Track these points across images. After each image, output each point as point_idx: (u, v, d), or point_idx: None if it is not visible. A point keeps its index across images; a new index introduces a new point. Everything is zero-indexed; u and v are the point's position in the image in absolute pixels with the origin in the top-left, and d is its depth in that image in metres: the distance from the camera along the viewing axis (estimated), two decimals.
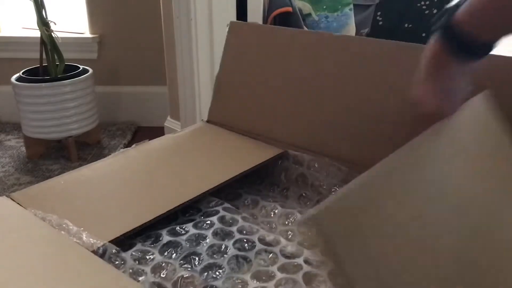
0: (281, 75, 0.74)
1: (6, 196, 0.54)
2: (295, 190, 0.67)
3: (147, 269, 0.49)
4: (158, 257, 0.50)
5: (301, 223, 0.57)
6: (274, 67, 0.75)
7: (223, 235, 0.56)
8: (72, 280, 0.42)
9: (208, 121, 0.78)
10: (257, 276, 0.49)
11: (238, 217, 0.59)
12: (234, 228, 0.57)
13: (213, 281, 0.48)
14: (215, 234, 0.57)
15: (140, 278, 0.46)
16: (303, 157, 0.66)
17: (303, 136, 0.68)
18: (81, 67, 1.62)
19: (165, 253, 0.51)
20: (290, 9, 1.27)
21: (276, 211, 0.63)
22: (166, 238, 0.54)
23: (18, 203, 0.53)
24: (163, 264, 0.50)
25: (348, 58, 0.68)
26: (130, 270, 0.47)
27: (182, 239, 0.54)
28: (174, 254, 0.52)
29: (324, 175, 0.64)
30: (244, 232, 0.57)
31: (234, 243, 0.56)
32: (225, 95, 0.78)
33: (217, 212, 0.60)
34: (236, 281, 0.48)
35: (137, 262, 0.50)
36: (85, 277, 0.42)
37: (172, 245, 0.53)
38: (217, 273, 0.51)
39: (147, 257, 0.51)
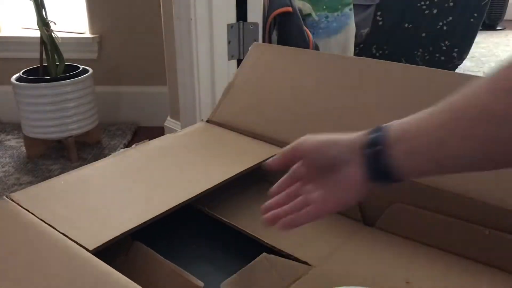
0: (288, 86, 0.74)
1: (6, 196, 0.54)
2: None
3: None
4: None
5: None
6: (283, 79, 0.75)
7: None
8: (72, 280, 0.42)
9: (208, 121, 0.78)
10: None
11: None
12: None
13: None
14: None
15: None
16: None
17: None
18: (81, 67, 1.62)
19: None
20: (290, 9, 1.27)
21: None
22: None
23: (18, 203, 0.53)
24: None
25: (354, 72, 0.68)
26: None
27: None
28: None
29: None
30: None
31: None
32: (232, 99, 0.78)
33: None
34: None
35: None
36: (85, 278, 0.42)
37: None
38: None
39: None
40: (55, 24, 1.54)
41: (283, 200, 0.48)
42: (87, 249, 0.46)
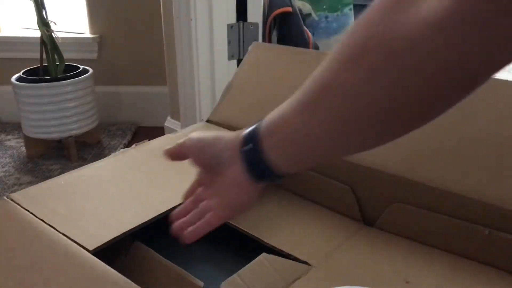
0: (288, 85, 0.74)
1: (6, 196, 0.54)
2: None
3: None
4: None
5: None
6: (283, 79, 0.75)
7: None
8: (72, 280, 0.42)
9: (208, 121, 0.78)
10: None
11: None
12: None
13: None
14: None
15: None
16: None
17: None
18: (81, 67, 1.62)
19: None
20: (290, 9, 1.27)
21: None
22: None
23: (18, 203, 0.53)
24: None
25: None
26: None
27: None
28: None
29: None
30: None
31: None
32: (232, 98, 0.78)
33: None
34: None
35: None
36: (84, 278, 0.42)
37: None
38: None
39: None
40: (55, 24, 1.54)
41: (189, 207, 0.45)
42: (87, 249, 0.46)
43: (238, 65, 1.29)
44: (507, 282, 0.49)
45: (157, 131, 1.51)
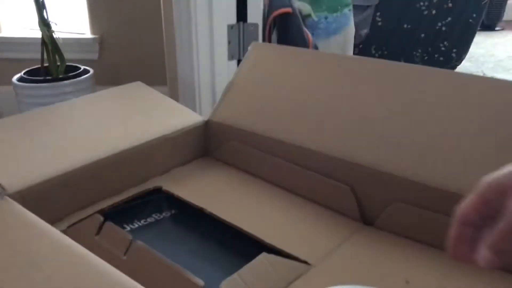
0: (288, 85, 0.74)
1: (6, 195, 0.55)
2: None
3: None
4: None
5: None
6: (283, 78, 0.76)
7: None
8: (72, 279, 0.42)
9: (208, 121, 0.78)
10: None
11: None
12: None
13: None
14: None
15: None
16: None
17: (309, 137, 0.68)
18: (82, 67, 1.63)
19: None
20: (290, 10, 1.28)
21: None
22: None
23: (17, 203, 0.53)
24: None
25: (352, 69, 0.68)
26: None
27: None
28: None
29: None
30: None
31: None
32: (232, 98, 0.78)
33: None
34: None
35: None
36: (85, 277, 0.42)
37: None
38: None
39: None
40: (56, 24, 1.54)
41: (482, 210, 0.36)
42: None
43: (238, 65, 1.29)
44: (507, 282, 0.49)
45: None
